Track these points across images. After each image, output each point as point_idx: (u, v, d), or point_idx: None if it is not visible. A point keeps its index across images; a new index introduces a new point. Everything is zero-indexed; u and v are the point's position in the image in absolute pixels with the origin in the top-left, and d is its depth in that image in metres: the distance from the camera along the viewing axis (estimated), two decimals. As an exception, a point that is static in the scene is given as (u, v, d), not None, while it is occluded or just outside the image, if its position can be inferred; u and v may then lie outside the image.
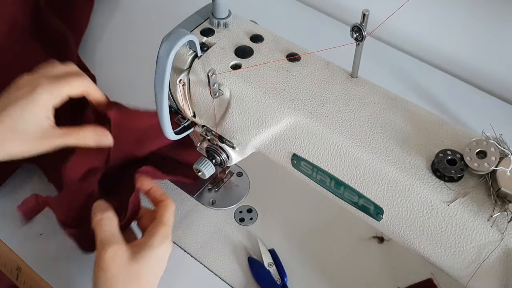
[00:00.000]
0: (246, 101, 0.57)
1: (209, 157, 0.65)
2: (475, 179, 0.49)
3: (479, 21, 0.85)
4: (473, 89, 0.89)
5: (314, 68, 0.58)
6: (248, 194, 0.75)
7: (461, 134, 0.52)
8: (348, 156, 0.53)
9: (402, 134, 0.52)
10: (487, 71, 0.89)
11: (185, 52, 0.59)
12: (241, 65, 0.59)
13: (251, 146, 0.60)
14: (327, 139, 0.54)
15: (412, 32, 0.94)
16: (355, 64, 0.57)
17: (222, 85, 0.58)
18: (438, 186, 0.49)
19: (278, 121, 0.56)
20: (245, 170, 0.77)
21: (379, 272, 0.67)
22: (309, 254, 0.69)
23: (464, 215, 0.47)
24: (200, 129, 0.65)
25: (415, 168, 0.50)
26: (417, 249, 0.52)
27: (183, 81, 0.60)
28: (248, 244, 0.70)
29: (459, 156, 0.49)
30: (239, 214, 0.73)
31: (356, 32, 0.53)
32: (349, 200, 0.55)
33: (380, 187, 0.51)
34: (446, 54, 0.92)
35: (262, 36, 0.61)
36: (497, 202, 0.47)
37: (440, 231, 0.49)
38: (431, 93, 0.88)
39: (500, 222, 0.46)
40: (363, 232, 0.70)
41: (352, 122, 0.54)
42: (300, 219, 0.73)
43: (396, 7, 0.58)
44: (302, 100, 0.56)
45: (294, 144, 0.56)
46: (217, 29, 0.62)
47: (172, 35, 0.55)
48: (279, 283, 0.66)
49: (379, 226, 0.54)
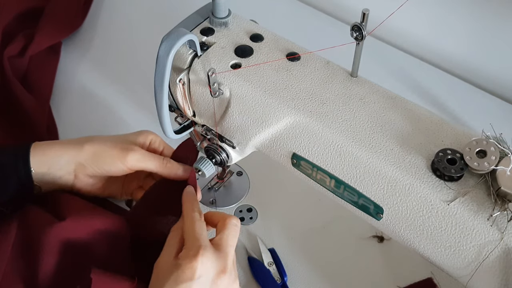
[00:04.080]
0: (246, 100, 0.57)
1: (209, 156, 0.65)
2: (475, 178, 0.49)
3: (479, 21, 0.85)
4: (473, 89, 0.89)
5: (314, 67, 0.58)
6: (248, 194, 0.75)
7: (461, 133, 0.52)
8: (348, 156, 0.53)
9: (402, 134, 0.52)
10: (487, 71, 0.89)
11: (185, 52, 0.59)
12: (241, 65, 0.59)
13: (251, 145, 0.60)
14: (327, 138, 0.54)
15: (412, 31, 0.94)
16: (355, 64, 0.57)
17: (222, 85, 0.58)
18: (438, 185, 0.49)
19: (278, 120, 0.56)
20: (245, 170, 0.77)
21: (379, 271, 0.67)
22: (309, 254, 0.69)
23: (464, 215, 0.47)
24: (200, 128, 0.65)
25: (415, 167, 0.50)
26: (417, 249, 0.52)
27: (183, 81, 0.60)
28: (248, 244, 0.70)
29: (459, 156, 0.49)
30: (239, 213, 0.73)
31: (356, 31, 0.53)
32: (349, 199, 0.55)
33: (380, 187, 0.51)
34: (446, 54, 0.92)
35: (262, 35, 0.61)
36: (497, 201, 0.47)
37: (440, 231, 0.49)
38: (431, 93, 0.88)
39: (500, 221, 0.46)
40: (363, 231, 0.70)
41: (352, 122, 0.54)
42: (300, 218, 0.72)
43: (396, 7, 0.58)
44: (302, 100, 0.56)
45: (294, 144, 0.56)
46: (217, 28, 0.62)
47: (172, 35, 0.55)
48: (279, 282, 0.66)
49: (379, 226, 0.54)
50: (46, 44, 0.90)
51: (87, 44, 0.96)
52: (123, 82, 0.89)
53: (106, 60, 0.93)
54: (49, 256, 0.59)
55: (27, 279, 0.59)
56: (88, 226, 0.61)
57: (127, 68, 0.91)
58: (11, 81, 0.84)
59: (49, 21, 0.93)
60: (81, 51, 0.94)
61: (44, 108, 0.84)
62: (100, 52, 0.95)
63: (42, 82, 0.88)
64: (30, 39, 0.89)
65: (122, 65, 0.92)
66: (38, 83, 0.87)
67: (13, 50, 0.88)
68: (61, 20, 0.94)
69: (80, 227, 0.60)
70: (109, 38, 0.97)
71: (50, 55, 0.91)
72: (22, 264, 0.60)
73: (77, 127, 0.83)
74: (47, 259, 0.59)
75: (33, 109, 0.82)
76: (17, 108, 0.82)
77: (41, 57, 0.90)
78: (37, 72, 0.89)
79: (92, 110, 0.85)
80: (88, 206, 0.64)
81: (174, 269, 0.52)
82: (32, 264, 0.59)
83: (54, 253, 0.59)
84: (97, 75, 0.90)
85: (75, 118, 0.84)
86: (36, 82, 0.87)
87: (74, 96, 0.88)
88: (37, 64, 0.89)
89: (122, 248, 0.62)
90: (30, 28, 0.91)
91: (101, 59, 0.93)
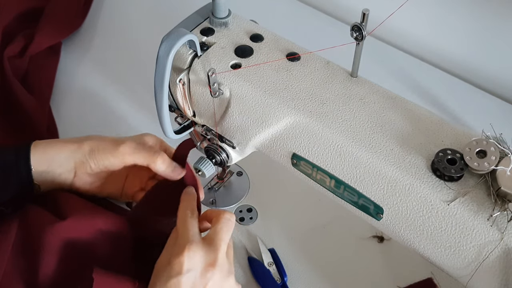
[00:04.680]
0: (246, 100, 0.57)
1: (209, 156, 0.65)
2: (475, 178, 0.49)
3: (479, 21, 0.85)
4: (473, 89, 0.89)
5: (314, 67, 0.58)
6: (248, 194, 0.75)
7: (461, 133, 0.52)
8: (348, 156, 0.53)
9: (402, 134, 0.52)
10: (487, 71, 0.89)
11: (185, 52, 0.59)
12: (241, 65, 0.59)
13: (251, 145, 0.60)
14: (327, 138, 0.54)
15: (412, 31, 0.94)
16: (355, 64, 0.57)
17: (222, 85, 0.58)
18: (438, 185, 0.49)
19: (278, 120, 0.56)
20: (245, 170, 0.77)
21: (379, 271, 0.67)
22: (309, 254, 0.69)
23: (464, 215, 0.47)
24: (200, 128, 0.65)
25: (415, 167, 0.50)
26: (417, 249, 0.52)
27: (183, 81, 0.60)
28: (248, 244, 0.70)
29: (459, 156, 0.49)
30: (239, 213, 0.73)
31: (356, 31, 0.53)
32: (349, 199, 0.55)
33: (380, 187, 0.51)
34: (446, 54, 0.92)
35: (262, 35, 0.61)
36: (497, 201, 0.47)
37: (440, 231, 0.49)
38: (431, 93, 0.88)
39: (500, 221, 0.46)
40: (363, 231, 0.70)
41: (352, 122, 0.54)
42: (300, 218, 0.72)
43: (396, 7, 0.58)
44: (302, 100, 0.56)
45: (294, 144, 0.56)
46: (217, 28, 0.62)
47: (172, 35, 0.55)
48: (279, 282, 0.66)
49: (379, 226, 0.54)
50: (46, 44, 0.90)
51: (87, 44, 0.96)
52: (123, 82, 0.89)
53: (106, 60, 0.93)
54: (50, 256, 0.59)
55: (28, 278, 0.59)
56: (90, 225, 0.61)
57: (127, 68, 0.91)
58: (11, 81, 0.84)
59: (49, 21, 0.93)
60: (81, 51, 0.94)
61: (44, 108, 0.84)
62: (100, 52, 0.95)
63: (42, 82, 0.88)
64: (30, 39, 0.89)
65: (122, 65, 0.92)
66: (38, 83, 0.87)
67: (13, 50, 0.88)
68: (61, 20, 0.94)
69: (81, 226, 0.61)
70: (109, 38, 0.97)
71: (50, 55, 0.91)
72: (22, 263, 0.60)
73: (77, 127, 0.83)
74: (48, 258, 0.59)
75: (33, 109, 0.82)
76: (17, 108, 0.82)
77: (41, 57, 0.90)
78: (37, 72, 0.89)
79: (92, 110, 0.85)
80: (88, 205, 0.64)
81: (166, 266, 0.54)
82: (33, 264, 0.59)
83: (55, 253, 0.59)
84: (97, 75, 0.90)
85: (75, 118, 0.84)
86: (36, 82, 0.87)
87: (74, 96, 0.88)
88: (37, 64, 0.89)
89: (124, 249, 0.62)
90: (30, 28, 0.91)
91: (101, 59, 0.93)
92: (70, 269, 0.60)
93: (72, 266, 0.60)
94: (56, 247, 0.59)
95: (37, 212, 0.62)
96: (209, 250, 0.54)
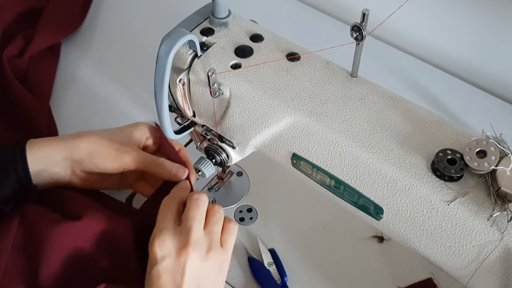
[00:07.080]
0: (246, 100, 0.57)
1: (209, 156, 0.65)
2: (475, 178, 0.49)
3: (479, 21, 0.85)
4: (473, 89, 0.89)
5: (314, 67, 0.58)
6: (248, 194, 0.75)
7: (461, 133, 0.52)
8: (348, 156, 0.53)
9: (402, 134, 0.52)
10: (487, 71, 0.89)
11: (185, 52, 0.59)
12: (241, 65, 0.59)
13: (251, 145, 0.60)
14: (327, 138, 0.54)
15: (412, 31, 0.94)
16: (355, 64, 0.57)
17: (222, 85, 0.58)
18: (438, 185, 0.49)
19: (278, 120, 0.56)
20: (245, 170, 0.77)
21: (379, 271, 0.67)
22: (309, 254, 0.69)
23: (464, 215, 0.47)
24: (200, 128, 0.65)
25: (415, 167, 0.50)
26: (417, 249, 0.52)
27: (183, 81, 0.60)
28: (248, 244, 0.70)
29: (459, 156, 0.49)
30: (239, 213, 0.73)
31: (356, 31, 0.53)
32: (349, 199, 0.55)
33: (380, 187, 0.51)
34: (446, 54, 0.92)
35: (262, 35, 0.61)
36: (497, 201, 0.47)
37: (440, 231, 0.49)
38: (431, 93, 0.88)
39: (500, 221, 0.46)
40: (363, 231, 0.70)
41: (352, 122, 0.54)
42: (300, 218, 0.72)
43: (396, 7, 0.58)
44: (302, 100, 0.56)
45: (294, 144, 0.56)
46: (217, 28, 0.62)
47: (172, 35, 0.55)
48: (279, 282, 0.66)
49: (379, 226, 0.54)
50: (46, 44, 0.90)
51: (87, 44, 0.96)
52: (123, 82, 0.89)
53: (106, 60, 0.93)
54: (52, 256, 0.59)
55: (28, 277, 0.59)
56: (94, 227, 0.61)
57: (127, 68, 0.91)
58: (11, 81, 0.84)
59: (49, 21, 0.93)
60: (81, 51, 0.94)
61: (44, 108, 0.84)
62: (100, 52, 0.95)
63: (42, 82, 0.88)
64: (30, 39, 0.89)
65: (122, 65, 0.92)
66: (38, 83, 0.87)
67: (13, 50, 0.88)
68: (61, 20, 0.94)
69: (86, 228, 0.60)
70: (109, 38, 0.97)
71: (50, 55, 0.91)
72: (22, 262, 0.59)
73: (77, 127, 0.82)
74: (50, 258, 0.59)
75: (33, 109, 0.82)
76: (17, 108, 0.82)
77: (41, 57, 0.90)
78: (37, 72, 0.89)
79: (92, 110, 0.85)
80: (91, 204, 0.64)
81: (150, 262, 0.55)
82: (34, 263, 0.59)
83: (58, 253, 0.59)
84: (97, 75, 0.90)
85: (75, 118, 0.85)
86: (35, 82, 0.87)
87: (74, 96, 0.88)
88: (37, 64, 0.89)
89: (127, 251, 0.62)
90: (30, 28, 0.91)
91: (101, 59, 0.93)
92: (73, 271, 0.60)
93: (75, 267, 0.60)
94: (60, 248, 0.59)
95: (38, 211, 0.62)
96: (180, 233, 0.55)
